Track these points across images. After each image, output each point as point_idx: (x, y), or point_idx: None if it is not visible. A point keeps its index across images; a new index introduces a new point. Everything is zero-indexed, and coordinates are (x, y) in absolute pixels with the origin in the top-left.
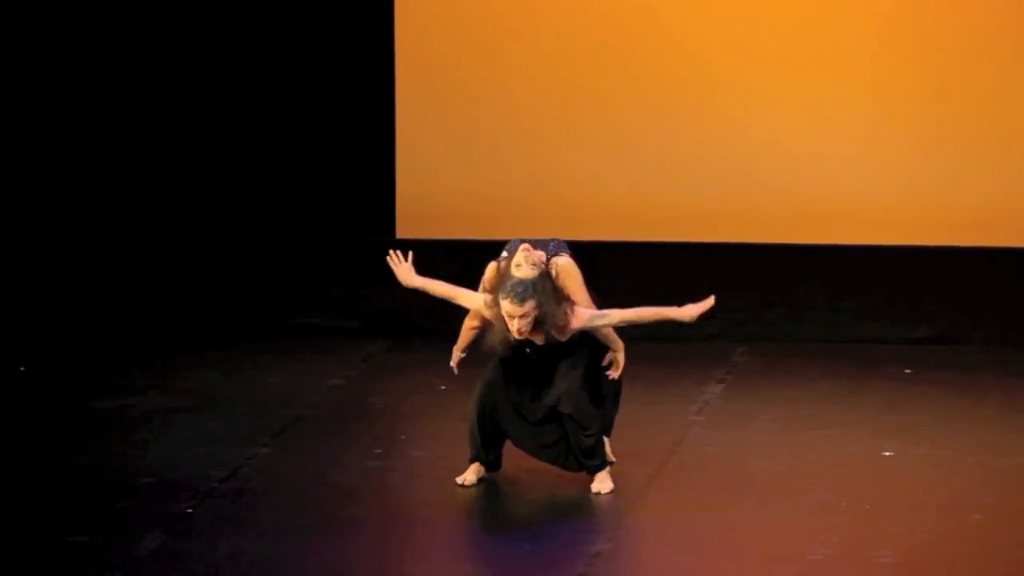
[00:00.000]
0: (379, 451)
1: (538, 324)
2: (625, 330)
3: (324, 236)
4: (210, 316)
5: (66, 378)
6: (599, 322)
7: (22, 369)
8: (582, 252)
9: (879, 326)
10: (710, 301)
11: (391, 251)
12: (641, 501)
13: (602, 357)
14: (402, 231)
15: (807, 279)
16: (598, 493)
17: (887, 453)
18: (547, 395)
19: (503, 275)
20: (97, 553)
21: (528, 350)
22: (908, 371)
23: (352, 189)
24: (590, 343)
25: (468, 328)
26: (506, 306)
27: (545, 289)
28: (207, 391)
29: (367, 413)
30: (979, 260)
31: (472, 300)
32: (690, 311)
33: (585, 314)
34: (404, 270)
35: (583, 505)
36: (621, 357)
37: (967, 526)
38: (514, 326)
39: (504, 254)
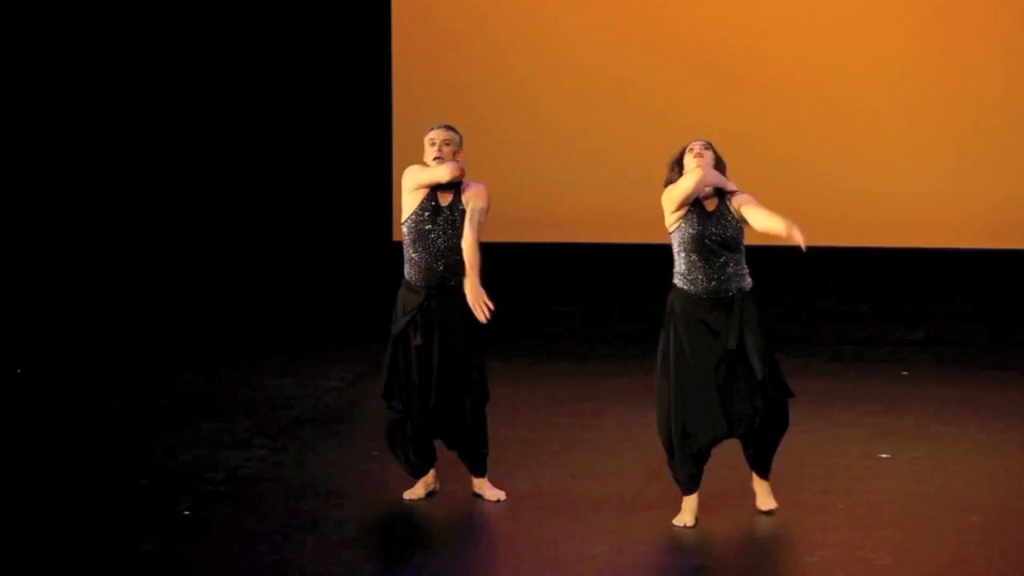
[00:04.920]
0: (376, 453)
1: None
2: (628, 334)
3: (322, 240)
4: (208, 320)
5: (64, 381)
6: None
7: (19, 371)
8: (583, 254)
9: (877, 327)
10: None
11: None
12: (638, 504)
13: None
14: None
15: (805, 281)
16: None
17: (884, 455)
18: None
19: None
20: (95, 554)
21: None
22: (905, 373)
23: (349, 194)
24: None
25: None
26: (432, 134)
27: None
28: (205, 394)
29: (364, 416)
30: (977, 262)
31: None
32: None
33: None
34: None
35: (580, 508)
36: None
37: (965, 527)
38: (435, 151)
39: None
